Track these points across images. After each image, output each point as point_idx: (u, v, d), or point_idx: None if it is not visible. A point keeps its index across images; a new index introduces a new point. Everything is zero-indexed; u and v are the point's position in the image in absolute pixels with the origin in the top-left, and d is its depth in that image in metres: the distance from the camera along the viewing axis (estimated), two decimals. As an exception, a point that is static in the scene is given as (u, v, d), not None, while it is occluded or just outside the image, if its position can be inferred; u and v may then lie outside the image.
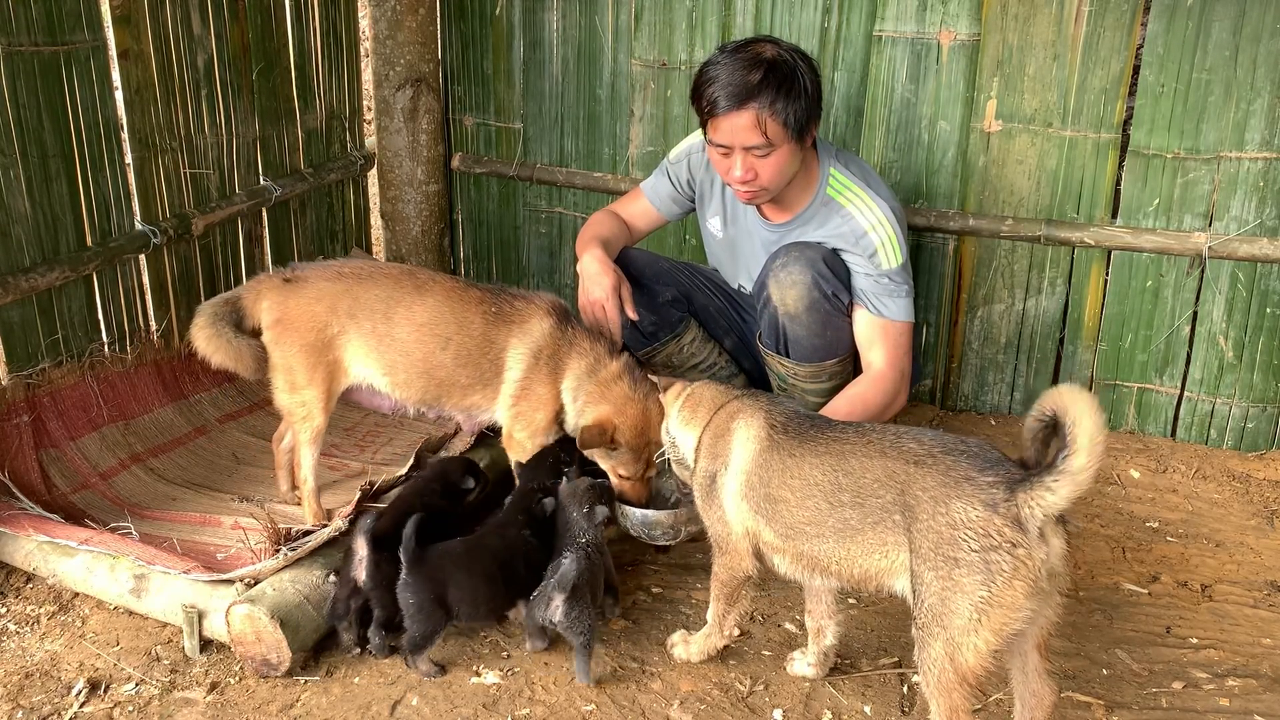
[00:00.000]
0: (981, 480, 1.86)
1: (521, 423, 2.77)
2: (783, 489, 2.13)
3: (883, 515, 1.98)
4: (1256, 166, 3.22)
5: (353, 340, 2.74)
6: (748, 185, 2.76)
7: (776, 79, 2.65)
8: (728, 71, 2.67)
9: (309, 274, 2.81)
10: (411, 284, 2.79)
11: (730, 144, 2.71)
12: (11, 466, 2.74)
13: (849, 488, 2.03)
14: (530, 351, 2.73)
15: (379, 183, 4.24)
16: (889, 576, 2.03)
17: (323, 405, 2.76)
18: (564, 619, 2.29)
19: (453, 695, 2.30)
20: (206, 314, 2.78)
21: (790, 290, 2.80)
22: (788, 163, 2.76)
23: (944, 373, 3.78)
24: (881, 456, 2.01)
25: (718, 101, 2.67)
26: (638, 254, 3.22)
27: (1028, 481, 1.82)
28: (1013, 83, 3.41)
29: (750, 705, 2.30)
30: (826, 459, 2.08)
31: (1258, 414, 3.42)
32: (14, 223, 2.81)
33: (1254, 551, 2.96)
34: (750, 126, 2.66)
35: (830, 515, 2.06)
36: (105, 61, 3.04)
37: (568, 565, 2.35)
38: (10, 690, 2.29)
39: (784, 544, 2.16)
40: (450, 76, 4.21)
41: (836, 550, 2.07)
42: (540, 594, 2.34)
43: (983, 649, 1.85)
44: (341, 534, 2.56)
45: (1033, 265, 3.56)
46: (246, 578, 2.41)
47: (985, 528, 1.83)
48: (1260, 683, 2.41)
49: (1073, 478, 1.77)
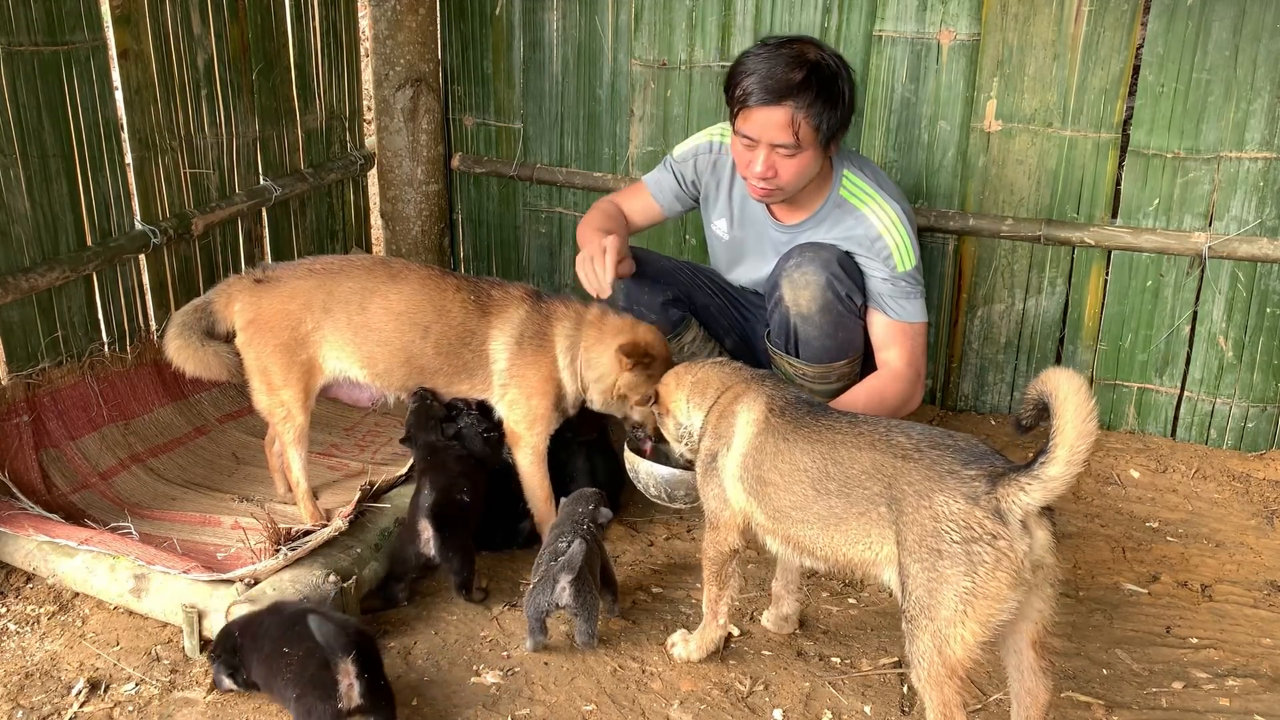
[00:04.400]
0: (964, 474, 1.89)
1: (517, 411, 2.76)
2: (772, 472, 2.16)
3: (868, 506, 2.00)
4: (1256, 166, 3.22)
5: (328, 335, 2.74)
6: (765, 182, 2.75)
7: (818, 82, 2.63)
8: (768, 65, 2.64)
9: (280, 273, 2.80)
10: (386, 273, 2.79)
11: (758, 138, 2.69)
12: (11, 466, 2.74)
13: (836, 476, 2.06)
14: (513, 338, 2.75)
15: (379, 183, 4.24)
16: (874, 567, 2.05)
17: (301, 404, 2.76)
18: (571, 601, 2.33)
19: (453, 695, 2.30)
20: (176, 324, 2.78)
21: (804, 291, 2.79)
22: (809, 167, 2.75)
23: (944, 373, 3.78)
24: (870, 449, 2.03)
25: (754, 93, 2.64)
26: (639, 252, 3.21)
27: (1007, 477, 1.84)
28: (1013, 82, 3.41)
29: (750, 705, 2.30)
30: (818, 447, 2.11)
31: (1258, 414, 3.42)
32: (14, 223, 2.81)
33: (1254, 551, 2.96)
34: (784, 124, 2.64)
35: (815, 502, 2.09)
36: (105, 61, 3.04)
37: (574, 548, 2.37)
38: (10, 690, 2.29)
39: (773, 525, 2.20)
40: (450, 76, 4.21)
41: (821, 537, 2.10)
42: (544, 580, 2.36)
43: (970, 640, 1.86)
44: (341, 534, 2.57)
45: (1033, 265, 3.56)
46: (246, 578, 2.41)
47: (966, 520, 1.85)
48: (1260, 683, 2.41)
49: (1045, 485, 1.79)
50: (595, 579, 2.42)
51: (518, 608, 2.61)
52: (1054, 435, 1.77)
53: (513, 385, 2.75)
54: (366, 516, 2.70)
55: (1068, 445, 1.75)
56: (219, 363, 2.78)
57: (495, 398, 2.79)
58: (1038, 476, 1.79)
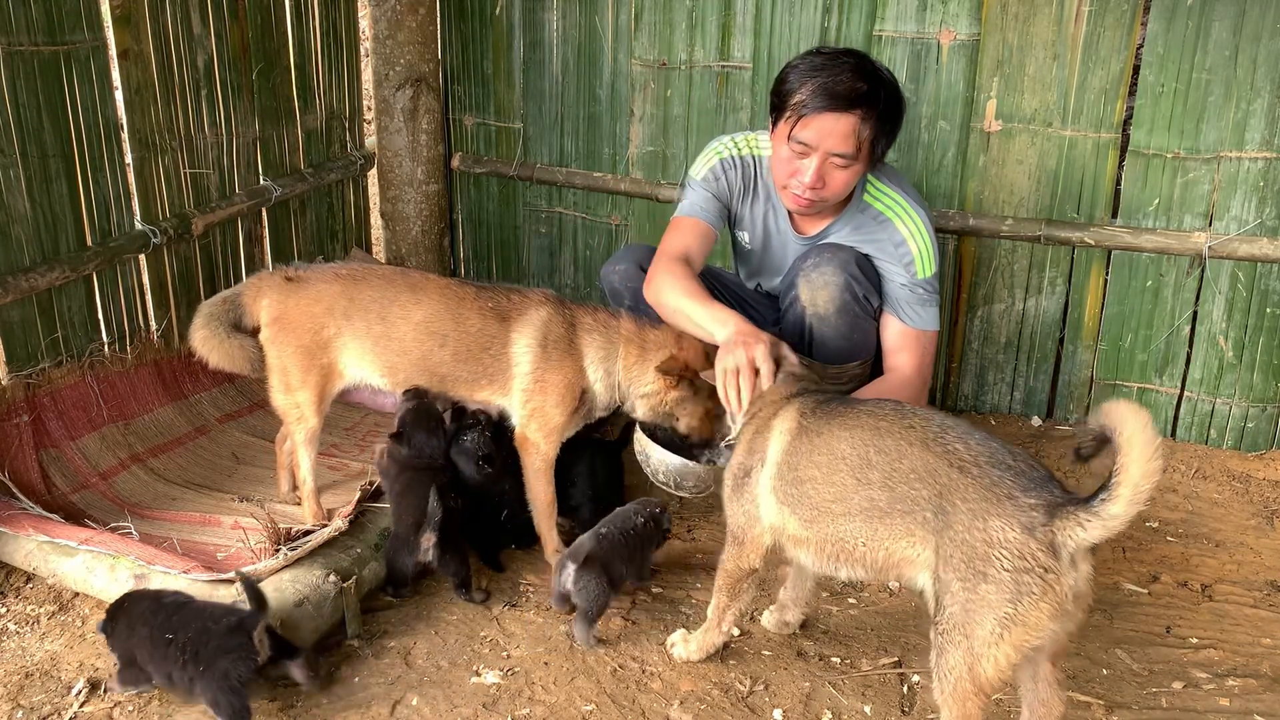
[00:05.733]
0: (1023, 501, 1.83)
1: (536, 421, 2.72)
2: (810, 468, 2.10)
3: (913, 507, 1.95)
4: (1256, 166, 3.22)
5: (348, 342, 2.75)
6: (813, 192, 2.68)
7: (885, 95, 2.60)
8: (831, 74, 2.58)
9: (309, 275, 2.82)
10: (405, 283, 2.80)
11: (815, 145, 2.62)
12: (11, 466, 2.74)
13: (880, 466, 2.00)
14: (537, 340, 2.71)
15: (379, 183, 4.24)
16: (911, 567, 2.00)
17: (315, 407, 2.76)
18: (572, 586, 2.42)
19: (453, 695, 2.30)
20: (204, 314, 2.80)
21: (822, 291, 2.77)
22: (853, 182, 2.71)
23: (944, 373, 3.78)
24: (923, 448, 1.97)
25: (819, 99, 2.57)
26: (649, 251, 3.17)
27: (1065, 509, 1.79)
28: (1013, 82, 3.41)
29: (750, 705, 2.30)
30: (857, 433, 2.06)
31: (1258, 414, 3.42)
32: (14, 223, 2.81)
33: (1254, 551, 2.96)
34: (848, 133, 2.58)
35: (856, 492, 2.03)
36: (105, 61, 3.04)
37: (585, 538, 2.49)
38: (10, 690, 2.29)
39: (809, 531, 2.12)
40: (450, 76, 4.21)
41: (863, 530, 2.03)
42: (560, 561, 2.49)
43: (1002, 663, 1.84)
44: (341, 534, 2.57)
45: (1033, 265, 3.56)
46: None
47: (1020, 550, 1.81)
48: (1260, 683, 2.41)
49: (1104, 523, 1.75)
50: (612, 573, 2.47)
51: (518, 607, 2.61)
52: (1117, 472, 1.71)
53: (537, 393, 2.71)
54: (366, 516, 2.70)
55: (1132, 484, 1.70)
56: (243, 355, 2.78)
57: (516, 403, 2.75)
58: (1098, 514, 1.75)
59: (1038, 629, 1.82)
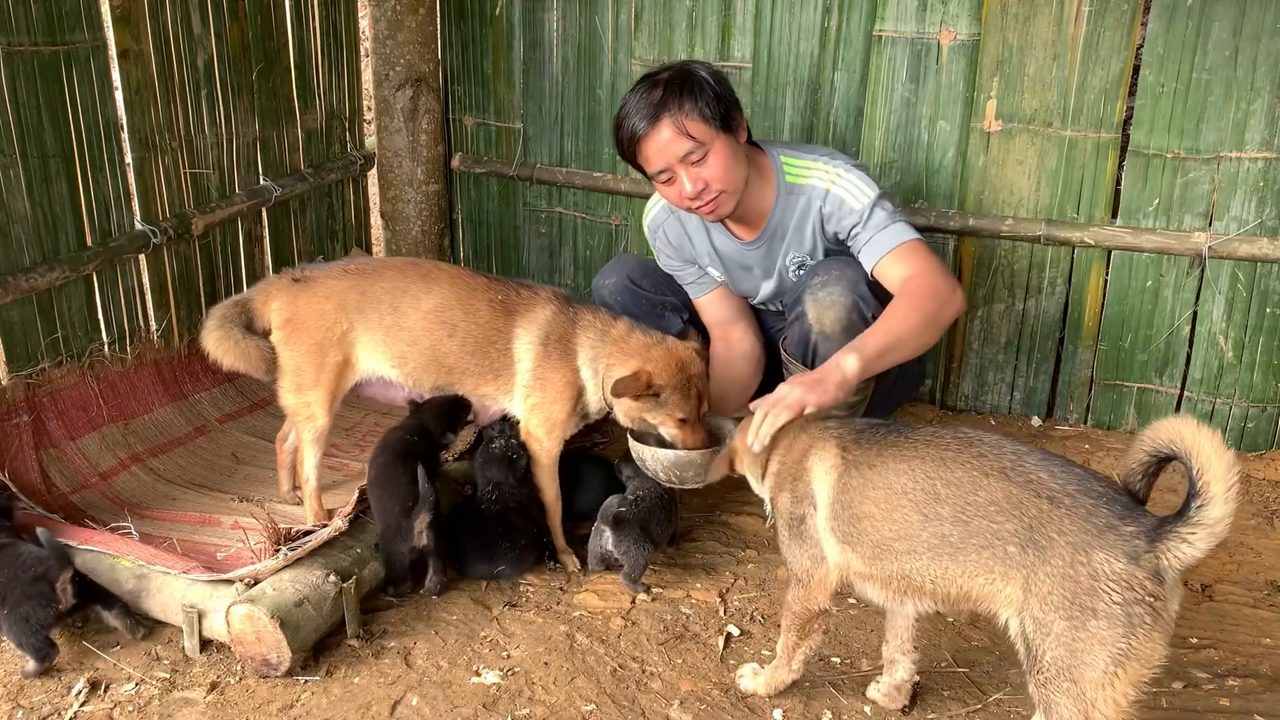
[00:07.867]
0: (1124, 530, 1.78)
1: (538, 415, 2.76)
2: (865, 504, 2.01)
3: (993, 541, 1.86)
4: (1256, 166, 3.22)
5: (361, 335, 2.76)
6: (703, 196, 2.70)
7: (676, 85, 2.66)
8: (633, 103, 2.69)
9: (316, 274, 2.84)
10: (416, 273, 2.82)
11: (667, 164, 2.68)
12: (11, 466, 2.74)
13: (951, 500, 1.91)
14: (538, 338, 2.73)
15: (379, 183, 4.24)
16: (992, 604, 1.91)
17: (327, 406, 2.77)
18: (615, 548, 2.66)
19: (453, 695, 2.30)
20: (216, 317, 2.80)
21: (829, 311, 2.74)
22: (730, 159, 2.70)
23: (944, 373, 3.78)
24: (1002, 478, 1.88)
25: (633, 135, 2.68)
26: (638, 261, 3.18)
27: (1164, 530, 1.75)
28: (1013, 83, 3.41)
29: (750, 705, 2.30)
30: (916, 464, 1.97)
31: (1258, 414, 3.42)
32: (14, 223, 2.81)
33: (1254, 551, 2.96)
34: (674, 135, 2.64)
35: (924, 528, 1.93)
36: (105, 61, 3.04)
37: (612, 500, 2.72)
38: (10, 690, 2.29)
39: (872, 568, 2.03)
40: (450, 76, 4.21)
41: (932, 568, 1.94)
42: (595, 527, 2.72)
43: (1121, 703, 1.78)
44: (341, 534, 2.56)
45: (1033, 265, 3.56)
46: (246, 578, 2.40)
47: (1129, 580, 1.75)
48: (1260, 683, 2.41)
49: (1210, 530, 1.70)
50: (648, 530, 2.68)
51: (518, 607, 2.62)
52: (1199, 476, 1.68)
53: (536, 389, 2.74)
54: (366, 516, 2.70)
55: (1221, 479, 1.66)
56: (259, 355, 2.78)
57: (518, 399, 2.78)
58: (1200, 523, 1.69)
59: (1152, 661, 1.77)
